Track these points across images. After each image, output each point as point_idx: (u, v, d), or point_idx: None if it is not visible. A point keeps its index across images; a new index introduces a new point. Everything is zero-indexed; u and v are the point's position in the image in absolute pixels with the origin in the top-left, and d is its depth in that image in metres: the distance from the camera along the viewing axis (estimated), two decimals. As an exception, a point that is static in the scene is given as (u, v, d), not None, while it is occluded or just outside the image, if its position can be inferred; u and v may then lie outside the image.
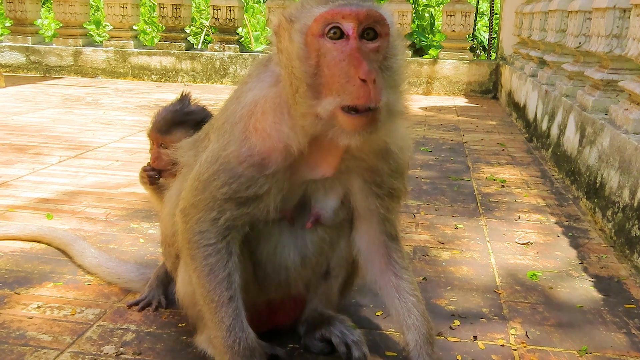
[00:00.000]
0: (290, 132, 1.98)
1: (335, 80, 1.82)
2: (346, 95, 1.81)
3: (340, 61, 1.82)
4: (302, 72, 1.86)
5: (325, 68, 1.84)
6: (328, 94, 1.84)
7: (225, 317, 2.18)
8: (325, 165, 2.14)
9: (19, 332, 2.64)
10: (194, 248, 2.18)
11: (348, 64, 1.80)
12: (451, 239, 3.95)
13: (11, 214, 4.15)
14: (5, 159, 5.62)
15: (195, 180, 2.16)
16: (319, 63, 1.85)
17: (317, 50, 1.85)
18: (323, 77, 1.85)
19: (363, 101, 1.80)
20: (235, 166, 2.06)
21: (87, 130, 7.11)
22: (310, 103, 1.87)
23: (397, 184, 2.30)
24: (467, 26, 11.46)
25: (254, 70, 2.19)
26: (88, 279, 3.20)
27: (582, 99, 5.46)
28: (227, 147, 2.08)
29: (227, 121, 2.13)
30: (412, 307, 2.35)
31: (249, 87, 2.13)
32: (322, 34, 1.84)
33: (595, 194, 4.50)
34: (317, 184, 2.23)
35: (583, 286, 3.31)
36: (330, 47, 1.83)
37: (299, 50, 1.86)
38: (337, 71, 1.82)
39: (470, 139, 7.36)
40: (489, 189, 5.17)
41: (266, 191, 2.09)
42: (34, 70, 12.50)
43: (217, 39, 12.25)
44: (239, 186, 2.07)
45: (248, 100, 2.08)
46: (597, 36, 5.31)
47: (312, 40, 1.85)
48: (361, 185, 2.25)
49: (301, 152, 2.03)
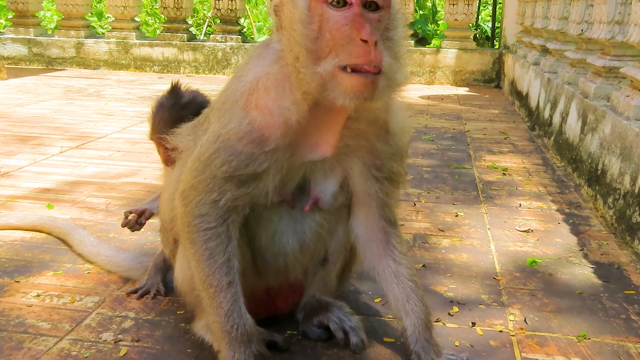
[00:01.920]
0: (291, 106, 1.98)
1: (337, 42, 1.84)
2: (346, 55, 1.83)
3: (342, 25, 1.84)
4: (304, 36, 1.87)
5: (327, 33, 1.85)
6: (330, 55, 1.85)
7: (223, 302, 2.18)
8: (325, 145, 2.13)
9: (18, 320, 2.65)
10: (194, 232, 2.17)
11: (350, 27, 1.82)
12: (451, 227, 3.94)
13: (12, 204, 4.16)
14: (7, 150, 5.63)
15: (195, 161, 2.15)
16: (321, 28, 1.86)
17: (320, 16, 1.86)
18: (324, 41, 1.86)
19: (363, 60, 1.81)
20: (235, 143, 2.06)
21: (89, 121, 7.11)
22: (311, 67, 1.87)
23: (397, 167, 2.30)
24: (470, 15, 11.39)
25: (254, 51, 2.19)
26: (88, 267, 3.21)
27: (584, 86, 5.43)
28: (228, 125, 2.08)
29: (228, 100, 2.13)
30: (411, 293, 2.35)
31: (249, 67, 2.13)
32: (326, 0, 1.85)
33: (597, 181, 4.49)
34: (316, 166, 2.23)
35: (583, 272, 3.30)
36: (333, 14, 1.85)
37: (301, 15, 1.87)
38: (339, 34, 1.84)
39: (472, 128, 7.34)
40: (490, 177, 5.16)
41: (265, 169, 2.08)
42: (36, 62, 12.50)
43: (219, 30, 12.22)
44: (239, 164, 2.06)
45: (249, 79, 2.08)
46: (599, 23, 5.27)
47: (315, 6, 1.87)
48: (361, 168, 2.25)
49: (301, 127, 2.02)
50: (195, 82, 10.88)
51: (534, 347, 2.56)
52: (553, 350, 2.53)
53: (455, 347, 2.53)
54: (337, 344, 2.49)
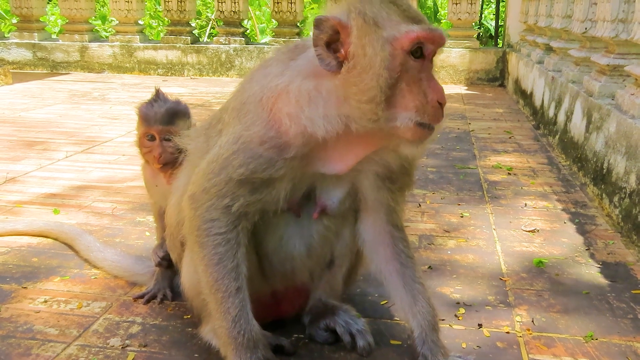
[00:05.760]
0: (321, 122, 1.97)
1: (415, 97, 1.92)
2: (425, 115, 1.92)
3: (419, 80, 1.92)
4: (384, 81, 1.88)
5: (403, 82, 1.91)
6: (403, 108, 1.92)
7: (231, 308, 2.18)
8: (341, 164, 2.14)
9: (26, 326, 2.66)
10: (203, 236, 2.17)
11: (428, 85, 1.92)
12: (457, 227, 3.94)
13: (19, 210, 4.18)
14: (13, 155, 5.65)
15: (211, 163, 2.14)
16: (400, 76, 1.90)
17: (402, 65, 1.89)
18: (400, 90, 1.91)
19: (438, 122, 1.96)
20: (256, 146, 2.05)
21: (94, 125, 7.14)
22: (382, 110, 1.91)
23: (409, 179, 2.34)
24: (474, 14, 11.37)
25: (278, 56, 2.16)
26: (94, 272, 3.22)
27: (589, 85, 5.41)
28: (251, 127, 2.06)
29: (248, 102, 2.11)
30: (418, 295, 2.35)
31: (273, 72, 2.09)
32: (409, 50, 1.89)
33: (602, 180, 4.47)
34: (325, 177, 2.23)
35: (589, 272, 3.29)
36: (412, 65, 1.91)
37: (384, 59, 1.88)
38: (416, 89, 1.91)
39: (476, 127, 7.33)
40: (495, 176, 5.15)
41: (280, 176, 2.08)
42: (40, 67, 12.55)
43: (222, 32, 12.23)
44: (257, 167, 2.06)
45: (276, 86, 2.04)
46: (603, 21, 5.26)
47: (399, 54, 1.89)
48: (373, 180, 2.27)
49: (324, 143, 2.03)
50: (200, 84, 10.96)
51: (541, 348, 2.55)
52: (560, 351, 2.53)
53: (462, 349, 2.53)
54: (344, 347, 2.50)
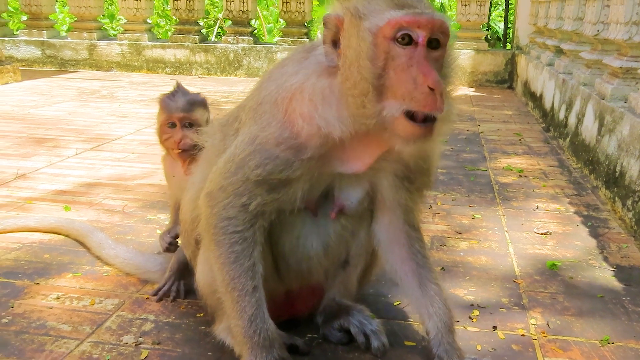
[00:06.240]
0: (336, 122, 1.95)
1: (402, 85, 1.82)
2: (412, 102, 1.81)
3: (408, 67, 1.82)
4: (369, 72, 1.84)
5: (391, 71, 1.84)
6: (392, 97, 1.84)
7: (247, 307, 2.17)
8: (359, 163, 2.13)
9: (39, 322, 2.66)
10: (220, 234, 2.15)
11: (417, 70, 1.81)
12: (469, 229, 3.92)
13: (30, 206, 4.18)
14: (23, 152, 5.65)
15: (228, 162, 2.13)
16: (386, 65, 1.84)
17: (386, 53, 1.84)
18: (388, 80, 1.84)
19: (430, 108, 1.81)
20: (273, 147, 2.04)
21: (103, 123, 7.14)
22: (372, 103, 1.86)
23: (428, 179, 2.33)
24: (483, 15, 11.34)
25: (294, 56, 2.15)
26: (106, 269, 3.22)
27: (601, 87, 5.38)
28: (267, 128, 2.05)
29: (264, 102, 2.09)
30: (434, 296, 2.34)
31: (289, 71, 2.08)
32: (393, 37, 1.83)
33: (615, 183, 4.45)
34: (344, 177, 2.21)
35: (603, 276, 3.27)
36: (399, 52, 1.83)
37: (367, 49, 1.84)
38: (405, 76, 1.82)
39: (486, 129, 7.30)
40: (506, 178, 5.13)
41: (297, 177, 2.07)
42: (49, 64, 12.57)
43: (230, 31, 12.23)
44: (274, 168, 2.04)
45: (291, 85, 2.03)
46: (616, 23, 5.23)
47: (382, 42, 1.84)
48: (392, 180, 2.25)
49: (341, 143, 2.00)
50: (208, 83, 10.97)
51: (556, 351, 2.53)
52: (576, 355, 2.51)
53: (477, 351, 2.51)
54: (358, 347, 2.48)
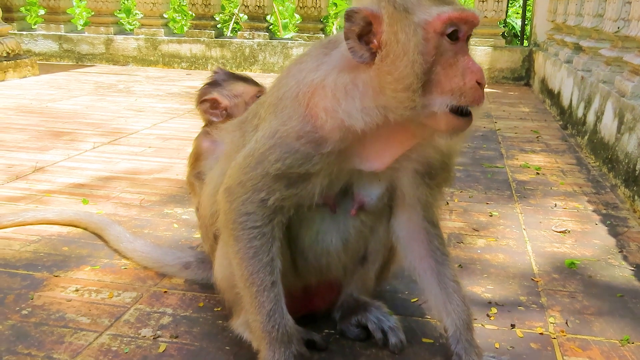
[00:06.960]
0: (359, 115, 1.94)
1: (451, 80, 1.85)
2: (462, 97, 1.85)
3: (456, 62, 1.86)
4: (419, 66, 1.83)
5: (439, 66, 1.85)
6: (439, 92, 1.86)
7: (266, 302, 2.17)
8: (379, 162, 2.11)
9: (58, 314, 2.68)
10: (239, 229, 2.15)
11: (465, 66, 1.85)
12: (486, 226, 3.90)
13: (48, 199, 4.21)
14: (41, 145, 5.70)
15: (248, 157, 2.13)
16: (435, 61, 1.85)
17: (436, 48, 1.84)
18: (435, 75, 1.85)
19: (478, 103, 1.88)
20: (293, 141, 2.03)
21: (120, 117, 7.18)
22: (418, 97, 1.86)
23: (448, 174, 2.30)
24: (500, 12, 11.25)
25: (312, 52, 2.14)
26: (124, 263, 3.23)
27: (621, 85, 5.32)
28: (288, 122, 2.04)
29: (284, 97, 2.09)
30: (453, 293, 2.32)
31: (308, 67, 2.07)
32: (443, 32, 1.84)
33: (635, 181, 4.40)
34: (363, 174, 2.20)
35: (623, 275, 3.24)
36: (448, 47, 1.85)
37: (418, 44, 1.83)
38: (453, 72, 1.85)
39: (503, 126, 7.25)
40: (523, 176, 5.09)
41: (316, 171, 2.06)
42: (66, 58, 12.66)
43: (246, 27, 12.24)
44: (293, 162, 2.03)
45: (311, 81, 2.02)
46: (637, 20, 5.17)
47: (432, 37, 1.84)
48: (412, 177, 2.23)
49: (362, 138, 2.00)
50: (223, 78, 10.95)
51: (576, 350, 2.51)
52: (596, 354, 2.48)
53: (496, 349, 2.49)
54: (376, 343, 2.48)
